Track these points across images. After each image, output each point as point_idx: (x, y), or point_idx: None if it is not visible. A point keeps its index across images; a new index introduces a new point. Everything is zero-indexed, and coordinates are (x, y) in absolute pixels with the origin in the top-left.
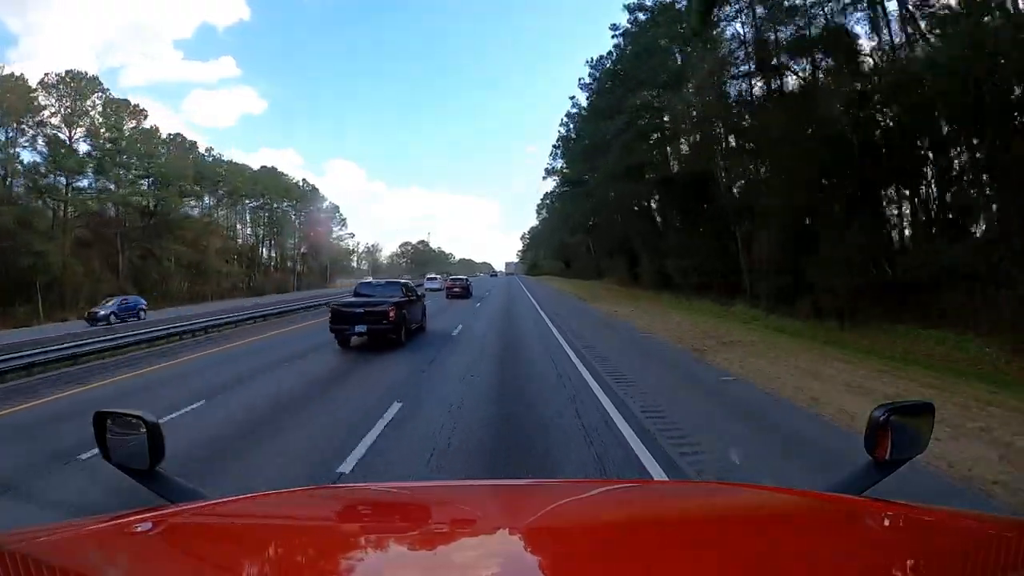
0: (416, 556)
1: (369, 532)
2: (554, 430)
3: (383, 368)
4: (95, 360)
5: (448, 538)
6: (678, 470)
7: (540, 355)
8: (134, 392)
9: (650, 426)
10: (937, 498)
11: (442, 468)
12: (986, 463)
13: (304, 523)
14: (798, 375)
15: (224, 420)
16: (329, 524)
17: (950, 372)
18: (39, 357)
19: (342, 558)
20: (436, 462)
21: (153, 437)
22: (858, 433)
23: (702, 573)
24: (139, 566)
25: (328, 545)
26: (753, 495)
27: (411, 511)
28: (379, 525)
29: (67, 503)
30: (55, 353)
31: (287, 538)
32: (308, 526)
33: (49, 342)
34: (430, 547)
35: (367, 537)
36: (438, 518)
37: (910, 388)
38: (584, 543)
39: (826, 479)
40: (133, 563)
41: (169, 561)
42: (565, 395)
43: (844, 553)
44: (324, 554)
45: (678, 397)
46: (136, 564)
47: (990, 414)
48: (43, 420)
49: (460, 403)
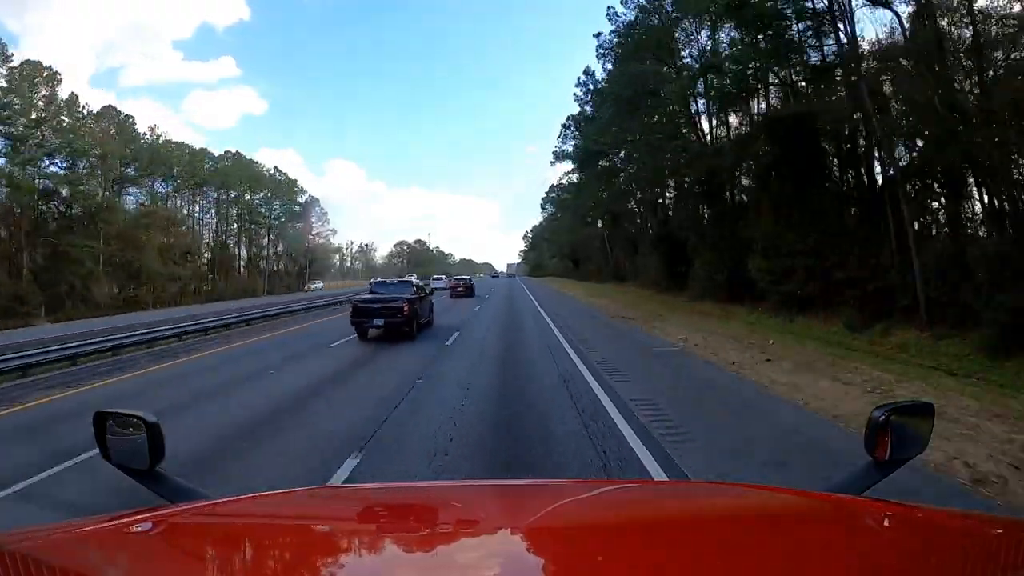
0: (416, 556)
1: (369, 532)
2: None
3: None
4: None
5: (449, 538)
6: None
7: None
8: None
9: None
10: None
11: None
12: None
13: (304, 523)
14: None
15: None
16: (329, 524)
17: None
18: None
19: (342, 558)
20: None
21: (153, 437)
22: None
23: (703, 573)
24: (139, 566)
25: (328, 545)
26: (753, 495)
27: (411, 511)
28: (379, 525)
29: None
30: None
31: (287, 538)
32: (308, 526)
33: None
34: (430, 547)
35: (367, 537)
36: (438, 518)
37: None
38: (585, 543)
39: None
40: (133, 563)
41: (169, 561)
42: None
43: (844, 553)
44: (324, 554)
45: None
46: (136, 564)
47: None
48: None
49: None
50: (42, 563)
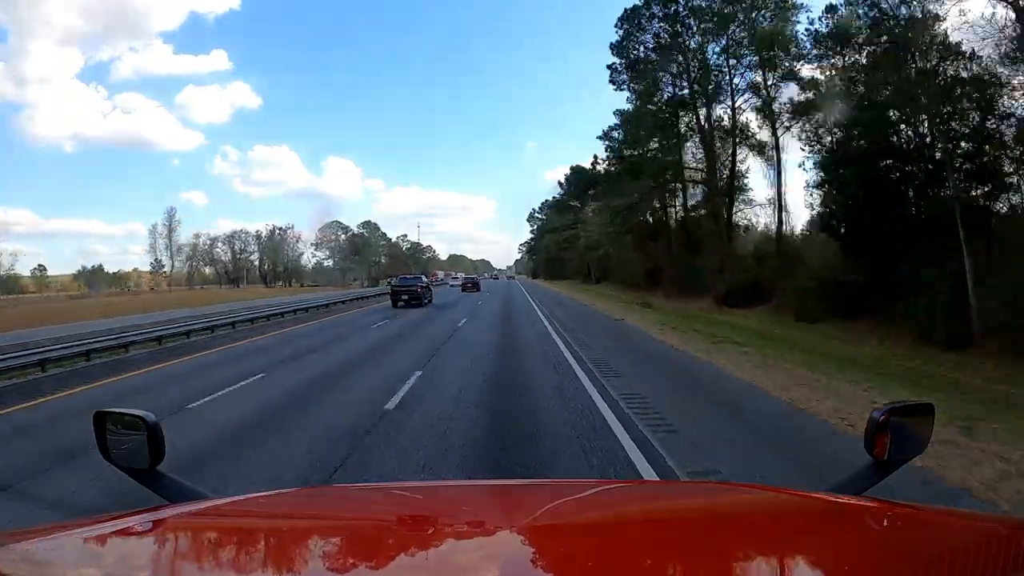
0: (415, 556)
1: (368, 532)
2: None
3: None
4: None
5: (447, 538)
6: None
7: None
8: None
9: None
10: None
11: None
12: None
13: (303, 523)
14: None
15: None
16: (328, 524)
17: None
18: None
19: (341, 558)
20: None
21: (153, 437)
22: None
23: (701, 573)
24: (139, 566)
25: (327, 545)
26: (752, 495)
27: (409, 511)
28: (378, 525)
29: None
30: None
31: (287, 538)
32: (307, 526)
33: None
34: (429, 547)
35: (366, 537)
36: (436, 518)
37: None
38: (582, 543)
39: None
40: (133, 563)
41: (169, 561)
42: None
43: (844, 553)
44: (323, 554)
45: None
46: (136, 564)
47: None
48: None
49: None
50: (42, 563)
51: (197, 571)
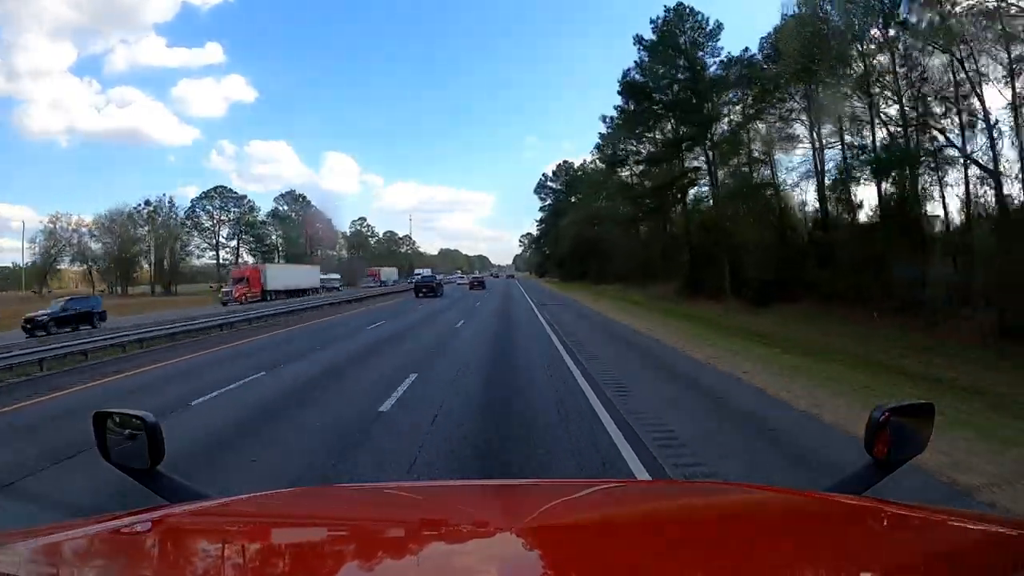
0: (414, 556)
1: (367, 532)
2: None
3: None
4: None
5: (446, 538)
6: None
7: None
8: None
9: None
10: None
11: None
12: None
13: (303, 523)
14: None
15: None
16: (327, 524)
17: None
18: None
19: (340, 558)
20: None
21: (153, 437)
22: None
23: (700, 573)
24: (138, 566)
25: (327, 545)
26: (752, 495)
27: (409, 511)
28: (377, 525)
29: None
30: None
31: (286, 538)
32: (307, 526)
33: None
34: (428, 547)
35: (365, 537)
36: (436, 518)
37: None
38: (581, 543)
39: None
40: (133, 563)
41: (169, 561)
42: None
43: (844, 553)
44: (323, 554)
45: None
46: (136, 564)
47: None
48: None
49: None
50: (42, 563)
51: (197, 571)
